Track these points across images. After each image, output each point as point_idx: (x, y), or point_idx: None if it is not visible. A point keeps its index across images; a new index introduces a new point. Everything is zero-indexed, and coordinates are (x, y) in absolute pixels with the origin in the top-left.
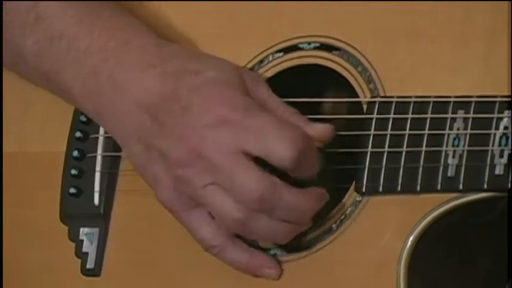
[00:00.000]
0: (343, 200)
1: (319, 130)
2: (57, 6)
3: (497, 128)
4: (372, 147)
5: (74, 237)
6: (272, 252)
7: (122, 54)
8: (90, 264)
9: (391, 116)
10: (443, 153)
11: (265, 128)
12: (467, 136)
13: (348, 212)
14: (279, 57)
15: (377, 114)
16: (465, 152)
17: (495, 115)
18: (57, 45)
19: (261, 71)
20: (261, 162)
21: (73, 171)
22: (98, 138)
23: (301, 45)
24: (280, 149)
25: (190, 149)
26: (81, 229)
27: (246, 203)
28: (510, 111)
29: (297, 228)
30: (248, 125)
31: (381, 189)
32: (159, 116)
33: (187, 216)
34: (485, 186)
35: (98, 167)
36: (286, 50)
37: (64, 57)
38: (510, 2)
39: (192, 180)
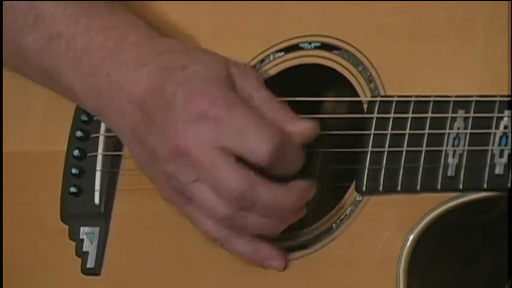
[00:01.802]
0: (343, 200)
1: (301, 127)
2: (55, 6)
3: (497, 128)
4: (372, 147)
5: (74, 236)
6: None
7: (117, 52)
8: (90, 264)
9: (392, 115)
10: (443, 153)
11: (244, 125)
12: (468, 136)
13: (348, 212)
14: (280, 56)
15: (377, 113)
16: (465, 152)
17: (495, 114)
18: (56, 44)
19: (261, 70)
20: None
21: (73, 171)
22: (98, 137)
23: (302, 45)
24: (257, 147)
25: (174, 145)
26: (82, 228)
27: (228, 200)
28: (510, 111)
29: (283, 223)
30: (228, 121)
31: (381, 188)
32: (149, 112)
33: (188, 210)
34: (485, 185)
35: (99, 166)
36: (287, 50)
37: (63, 56)
38: (510, 2)
39: (179, 176)
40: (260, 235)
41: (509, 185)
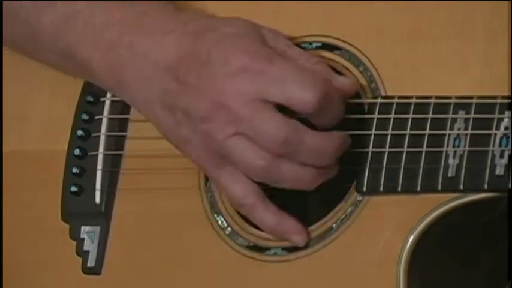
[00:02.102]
0: (344, 200)
1: (343, 82)
2: None
3: (497, 129)
4: (372, 147)
5: (75, 235)
6: (272, 251)
7: (139, 24)
8: (91, 263)
9: (392, 116)
10: (443, 154)
11: (286, 74)
12: (468, 136)
13: (348, 212)
14: None
15: (378, 114)
16: (466, 153)
17: (496, 115)
18: (73, 23)
19: None
20: (284, 110)
21: (74, 170)
22: (99, 136)
23: (303, 45)
24: (302, 94)
25: (212, 101)
26: (82, 227)
27: (270, 148)
28: (510, 111)
29: (320, 173)
30: (269, 72)
31: (381, 189)
32: (181, 76)
33: (219, 174)
34: (486, 186)
35: (99, 166)
36: None
37: (81, 33)
38: (510, 2)
39: (216, 133)
40: (296, 187)
41: (509, 185)
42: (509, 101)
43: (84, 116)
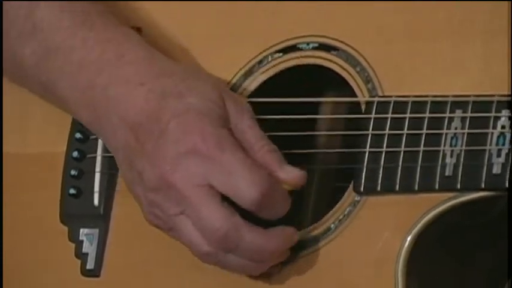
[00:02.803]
0: (342, 200)
1: (291, 175)
2: (52, 16)
3: (494, 128)
4: (370, 147)
5: (73, 237)
6: None
7: (114, 68)
8: (90, 265)
9: (389, 115)
10: (441, 153)
11: (234, 166)
12: (465, 135)
13: (346, 212)
14: (278, 57)
15: (375, 113)
16: (463, 152)
17: (492, 114)
18: (53, 57)
19: (260, 71)
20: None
21: (73, 172)
22: (97, 139)
23: (300, 46)
24: (245, 191)
25: (161, 175)
26: (81, 230)
27: (211, 240)
28: (507, 110)
29: (264, 266)
30: (218, 160)
31: (379, 188)
32: (140, 136)
33: (171, 234)
34: (483, 185)
35: (98, 168)
36: (286, 51)
37: (60, 69)
38: (510, 2)
39: (163, 206)
40: (242, 274)
41: (506, 184)
42: (506, 99)
43: None
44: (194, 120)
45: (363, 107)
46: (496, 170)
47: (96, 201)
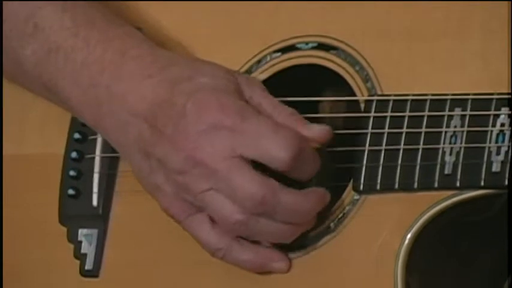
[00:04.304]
0: (341, 199)
1: (316, 131)
2: (54, 16)
3: (494, 125)
4: (369, 145)
5: (72, 238)
6: None
7: (118, 65)
8: (88, 266)
9: (389, 114)
10: (440, 151)
11: (260, 131)
12: (464, 133)
13: (345, 211)
14: (277, 57)
15: (374, 112)
16: (462, 150)
17: (492, 112)
18: (54, 57)
19: (259, 71)
20: (260, 165)
21: (71, 173)
22: (96, 139)
23: (298, 45)
24: (276, 152)
25: (186, 155)
26: (80, 230)
27: (246, 207)
28: (507, 108)
29: (298, 229)
30: (243, 129)
31: (378, 187)
32: (157, 124)
33: (191, 222)
34: (482, 183)
35: (97, 168)
36: (284, 50)
37: (62, 68)
38: (510, 2)
39: (191, 186)
40: (272, 241)
41: (506, 182)
42: (505, 97)
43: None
44: (210, 96)
45: (362, 105)
46: (496, 168)
47: (95, 202)
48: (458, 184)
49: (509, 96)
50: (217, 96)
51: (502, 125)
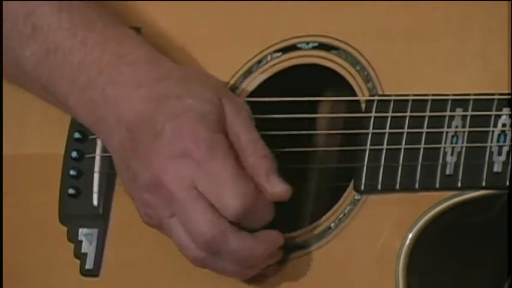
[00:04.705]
0: (342, 199)
1: (277, 189)
2: (52, 17)
3: (495, 126)
4: (370, 146)
5: (73, 237)
6: None
7: (114, 69)
8: (89, 265)
9: (390, 114)
10: (441, 151)
11: (222, 176)
12: (466, 134)
13: (346, 211)
14: (278, 57)
15: (375, 112)
16: (463, 150)
17: (493, 112)
18: (53, 57)
19: (259, 71)
20: None
21: (72, 172)
22: (96, 139)
23: (299, 45)
24: (228, 201)
25: (154, 176)
26: (80, 230)
27: (199, 244)
28: (508, 108)
29: (251, 271)
30: (207, 166)
31: (379, 187)
32: (136, 137)
33: (166, 233)
34: (484, 183)
35: (97, 168)
36: (285, 50)
37: (60, 69)
38: (510, 1)
39: (156, 207)
40: (233, 277)
41: (507, 182)
42: (506, 97)
43: None
44: (189, 123)
45: (363, 105)
46: (497, 168)
47: (95, 201)
48: (459, 184)
49: (511, 96)
50: (197, 125)
51: (504, 125)
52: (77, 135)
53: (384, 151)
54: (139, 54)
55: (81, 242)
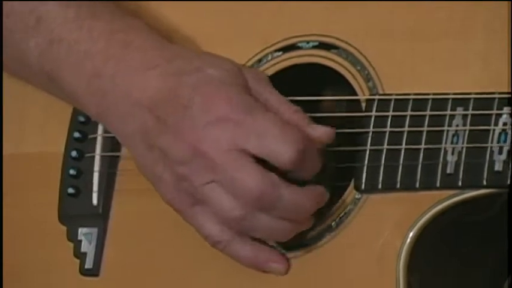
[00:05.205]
0: (343, 198)
1: (321, 132)
2: (57, 8)
3: (496, 125)
4: (371, 145)
5: (72, 237)
6: None
7: (123, 55)
8: (88, 264)
9: (390, 113)
10: (442, 150)
11: (266, 127)
12: (466, 133)
13: (347, 210)
14: (278, 56)
15: (376, 111)
16: (464, 149)
17: (494, 111)
18: (57, 47)
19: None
20: (264, 162)
21: (71, 171)
22: (96, 138)
23: (300, 44)
24: (281, 150)
25: (190, 146)
26: (80, 229)
27: (245, 201)
28: (509, 107)
29: (296, 227)
30: (249, 124)
31: (380, 186)
32: (162, 115)
33: (192, 213)
34: (485, 183)
35: (97, 167)
36: (285, 49)
37: (65, 59)
38: (510, 1)
39: (192, 178)
40: (269, 239)
41: (508, 181)
42: (507, 96)
43: (81, 118)
44: (218, 89)
45: (364, 105)
46: (498, 167)
47: (95, 201)
48: (460, 183)
49: (511, 95)
50: (225, 89)
51: (504, 124)
52: (76, 134)
53: (385, 150)
54: (147, 39)
55: (80, 241)
